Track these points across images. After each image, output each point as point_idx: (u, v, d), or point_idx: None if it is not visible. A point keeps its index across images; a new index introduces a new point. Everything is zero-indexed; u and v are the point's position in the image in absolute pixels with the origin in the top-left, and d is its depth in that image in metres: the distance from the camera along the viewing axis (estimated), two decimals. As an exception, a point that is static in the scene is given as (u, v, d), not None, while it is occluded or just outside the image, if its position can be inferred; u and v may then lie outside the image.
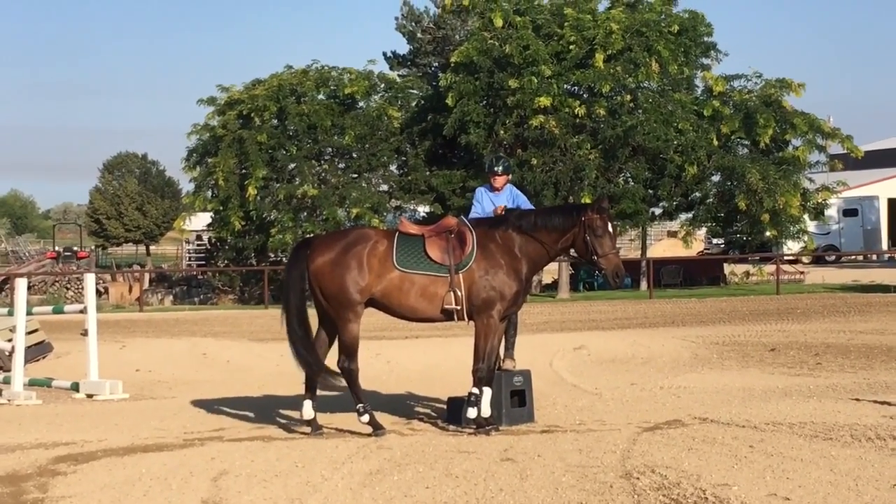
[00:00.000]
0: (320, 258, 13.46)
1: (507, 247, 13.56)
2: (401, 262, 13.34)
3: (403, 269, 13.34)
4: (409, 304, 13.48)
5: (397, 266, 13.33)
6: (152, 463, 11.52)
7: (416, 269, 13.36)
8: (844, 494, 9.56)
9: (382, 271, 13.32)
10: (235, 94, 50.75)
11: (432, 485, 10.28)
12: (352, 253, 13.35)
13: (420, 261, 13.39)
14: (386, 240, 13.52)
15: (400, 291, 13.38)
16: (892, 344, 22.95)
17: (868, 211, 72.56)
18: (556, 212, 14.15)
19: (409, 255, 13.39)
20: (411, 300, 13.43)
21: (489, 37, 46.92)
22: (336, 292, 13.32)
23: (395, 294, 13.39)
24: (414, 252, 13.42)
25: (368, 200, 48.23)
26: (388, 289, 13.35)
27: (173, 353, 23.91)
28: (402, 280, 13.35)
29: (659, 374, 19.32)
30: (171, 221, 78.38)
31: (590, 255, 13.57)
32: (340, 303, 13.34)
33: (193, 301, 51.27)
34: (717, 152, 46.32)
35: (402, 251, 13.40)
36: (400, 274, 13.34)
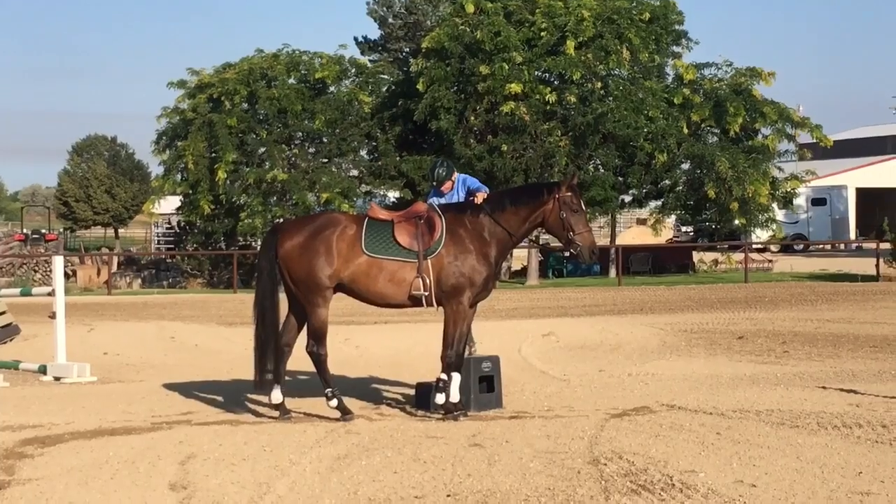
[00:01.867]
0: (289, 242, 13.44)
1: (477, 232, 13.54)
2: (369, 248, 13.32)
3: (372, 254, 13.31)
4: (378, 290, 13.45)
5: (366, 251, 13.31)
6: (120, 446, 11.49)
7: (385, 254, 13.33)
8: (810, 482, 9.60)
9: (351, 256, 13.30)
10: (206, 77, 50.62)
11: (400, 470, 10.28)
12: (320, 238, 13.32)
13: (389, 246, 13.36)
14: (355, 225, 13.49)
15: (368, 277, 13.35)
16: (859, 332, 23.06)
17: (836, 200, 72.89)
18: (525, 190, 14.18)
19: (377, 240, 13.36)
20: (379, 286, 13.40)
21: (460, 23, 46.94)
22: (304, 277, 13.30)
23: (364, 279, 13.36)
24: (383, 237, 13.39)
25: (338, 185, 48.15)
26: (356, 274, 13.32)
27: (141, 336, 23.83)
28: (370, 265, 13.32)
29: (627, 361, 19.36)
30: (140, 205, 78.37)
31: (566, 233, 13.55)
32: (309, 287, 13.32)
33: (162, 284, 51.13)
34: (686, 140, 46.44)
35: (370, 236, 13.37)
36: (368, 259, 13.31)
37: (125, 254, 65.33)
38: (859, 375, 16.79)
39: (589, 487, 9.50)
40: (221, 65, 51.60)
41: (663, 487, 9.43)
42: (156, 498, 9.45)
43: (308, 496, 9.45)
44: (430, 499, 9.30)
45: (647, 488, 9.42)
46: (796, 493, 9.25)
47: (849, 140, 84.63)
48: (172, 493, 9.59)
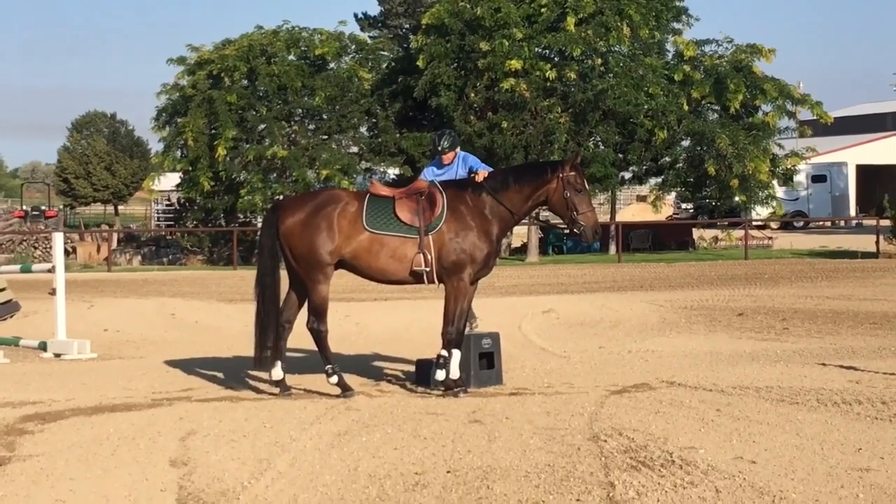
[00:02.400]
0: (290, 219, 13.43)
1: (478, 209, 13.53)
2: (370, 224, 13.31)
3: (373, 230, 13.31)
4: (379, 266, 13.44)
5: (367, 227, 13.30)
6: (120, 422, 11.49)
7: (386, 230, 13.33)
8: (810, 458, 9.61)
9: (352, 233, 13.29)
10: (205, 54, 50.56)
11: (400, 446, 10.29)
12: (322, 214, 13.31)
13: (390, 222, 13.36)
14: (356, 201, 13.48)
15: (369, 253, 13.35)
16: (859, 309, 23.07)
17: (837, 177, 72.86)
18: (528, 169, 14.19)
19: (378, 216, 13.36)
20: (381, 262, 13.40)
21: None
22: (305, 253, 13.29)
23: (365, 256, 13.36)
24: (384, 213, 13.39)
25: (338, 162, 48.12)
26: (357, 250, 13.32)
27: (141, 313, 23.85)
28: (371, 241, 13.32)
29: (627, 338, 19.38)
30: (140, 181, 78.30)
31: (570, 213, 13.53)
32: (310, 264, 13.31)
33: (162, 261, 51.12)
34: (687, 117, 46.39)
35: (371, 213, 13.37)
36: (370, 235, 13.31)
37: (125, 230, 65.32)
38: (859, 352, 16.81)
39: (589, 464, 9.51)
40: (221, 41, 51.56)
41: (663, 464, 9.44)
42: (156, 474, 9.46)
43: (308, 472, 9.46)
44: (430, 475, 9.31)
45: (647, 465, 9.43)
46: (796, 469, 9.26)
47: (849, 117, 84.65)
48: (173, 469, 9.61)
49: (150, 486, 9.15)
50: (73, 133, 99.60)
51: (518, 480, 9.09)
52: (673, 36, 49.49)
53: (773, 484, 8.82)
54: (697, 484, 8.86)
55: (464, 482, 9.08)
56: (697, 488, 8.75)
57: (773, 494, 8.55)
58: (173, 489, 9.07)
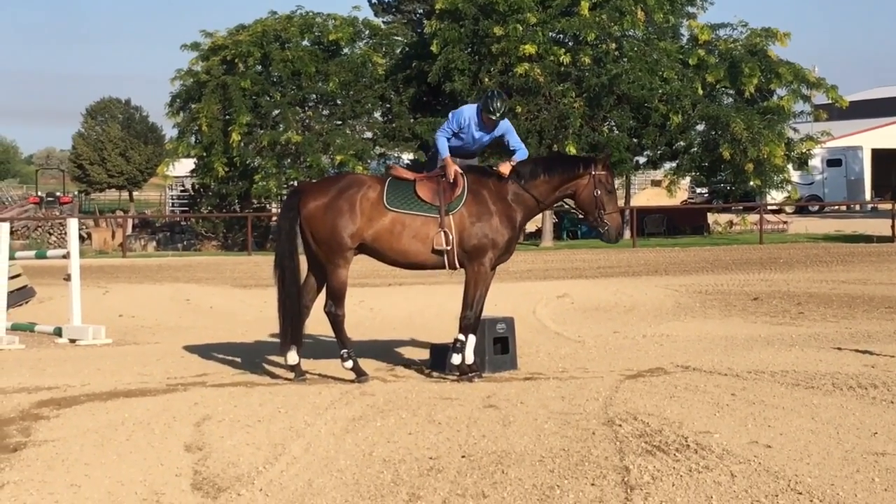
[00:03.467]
0: (312, 203, 13.42)
1: (501, 194, 13.54)
2: (391, 203, 13.31)
3: (394, 208, 13.31)
4: (401, 247, 13.42)
5: (388, 206, 13.30)
6: (135, 408, 11.52)
7: (406, 208, 13.33)
8: (825, 442, 9.60)
9: (374, 215, 13.29)
10: (219, 39, 50.61)
11: (415, 431, 10.30)
12: (344, 197, 13.31)
13: (410, 201, 13.36)
14: (378, 184, 13.52)
15: (391, 234, 13.35)
16: (874, 294, 23.02)
17: (852, 161, 72.71)
18: (559, 160, 14.32)
19: (399, 196, 13.38)
20: (403, 242, 13.38)
21: (474, -17, 46.76)
22: (327, 237, 13.29)
23: (387, 237, 13.35)
24: (404, 193, 13.41)
25: (352, 147, 48.16)
26: (379, 232, 13.32)
27: (156, 298, 23.89)
28: (392, 221, 13.32)
29: (642, 323, 19.36)
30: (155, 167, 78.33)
31: (597, 211, 13.54)
32: (331, 248, 13.32)
33: (176, 247, 51.20)
34: (701, 101, 46.32)
35: (392, 193, 13.39)
36: (391, 215, 13.31)
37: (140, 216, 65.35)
38: (874, 336, 16.76)
39: (604, 448, 9.51)
40: (235, 27, 51.64)
41: (678, 448, 9.44)
42: (171, 459, 9.48)
43: (323, 457, 9.47)
44: (444, 459, 9.31)
45: (662, 449, 9.42)
46: (811, 453, 9.25)
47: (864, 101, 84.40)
48: (188, 454, 9.62)
49: (165, 470, 9.17)
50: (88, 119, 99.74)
51: (533, 465, 9.09)
52: (687, 20, 49.43)
53: (788, 468, 8.81)
54: (712, 468, 8.85)
55: (478, 467, 9.08)
56: (712, 472, 8.74)
57: (789, 479, 8.54)
58: (188, 474, 9.08)
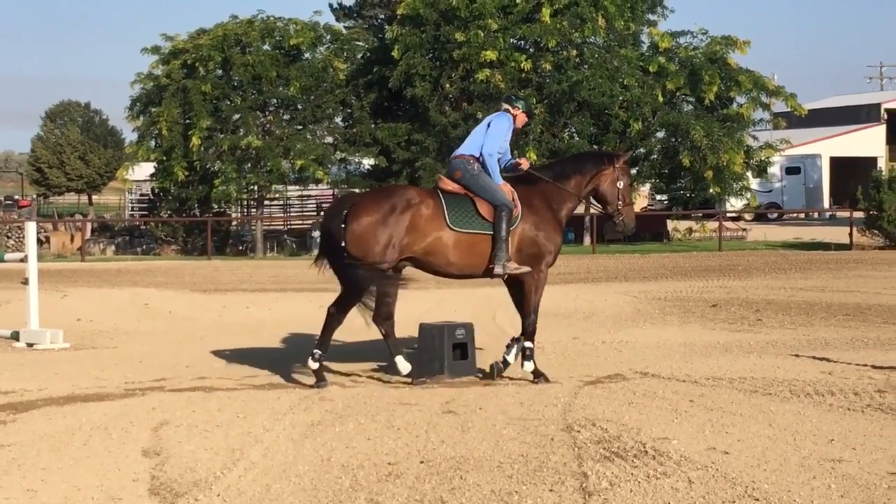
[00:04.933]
0: (365, 217, 13.27)
1: (546, 201, 13.85)
2: (454, 222, 13.37)
3: (458, 228, 13.37)
4: (459, 262, 13.52)
5: (451, 226, 13.35)
6: (93, 412, 11.46)
7: (470, 228, 13.41)
8: (783, 449, 9.64)
9: (430, 230, 13.30)
10: (180, 43, 50.42)
11: (374, 436, 10.29)
12: (396, 213, 13.25)
13: (473, 220, 13.44)
14: (431, 199, 13.50)
15: (451, 250, 13.41)
16: (832, 301, 23.14)
17: (811, 169, 73.13)
18: (585, 156, 15.17)
19: (462, 215, 13.43)
20: (462, 258, 13.48)
21: (436, -11, 46.81)
22: (375, 250, 13.19)
23: (444, 252, 13.40)
24: (467, 212, 13.46)
25: (313, 152, 48.14)
26: (436, 247, 13.35)
27: (115, 303, 23.77)
28: (455, 240, 13.39)
29: (601, 329, 19.39)
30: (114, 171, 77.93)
31: (617, 202, 14.04)
32: (374, 260, 13.21)
33: (136, 251, 51.01)
34: (661, 109, 46.48)
35: (454, 211, 13.42)
36: (454, 234, 13.37)
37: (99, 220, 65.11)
38: (832, 343, 16.86)
39: (562, 454, 9.52)
40: (196, 31, 51.46)
41: (636, 454, 9.46)
42: (128, 464, 9.44)
43: (281, 462, 9.45)
44: (403, 465, 9.31)
45: (621, 455, 9.44)
46: (768, 460, 9.29)
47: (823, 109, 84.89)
48: (145, 460, 9.58)
49: (122, 475, 9.12)
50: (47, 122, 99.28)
51: (491, 471, 9.10)
52: (648, 27, 49.59)
53: (745, 474, 8.85)
54: (670, 474, 8.88)
55: (437, 472, 9.08)
56: (670, 479, 8.77)
57: (746, 485, 8.57)
58: (145, 479, 9.04)
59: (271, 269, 36.76)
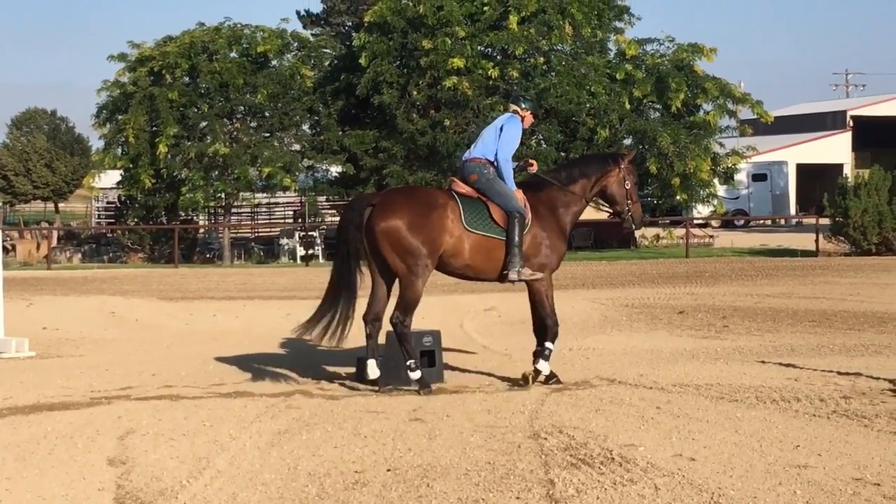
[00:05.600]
0: (394, 219, 13.34)
1: (553, 207, 14.04)
2: (470, 224, 13.52)
3: (473, 230, 13.52)
4: (475, 265, 13.68)
5: (467, 227, 13.49)
6: (58, 421, 11.42)
7: (484, 231, 13.55)
8: (749, 455, 9.67)
9: (455, 231, 13.45)
10: (147, 50, 50.30)
11: (340, 444, 10.28)
12: (431, 213, 13.38)
13: (486, 224, 13.58)
14: (451, 200, 13.63)
15: (468, 252, 13.56)
16: (798, 307, 23.22)
17: (777, 176, 73.41)
18: (591, 158, 15.20)
19: (476, 217, 13.57)
20: (477, 261, 13.63)
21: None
22: (415, 251, 13.29)
23: (463, 254, 13.56)
24: (481, 215, 13.59)
25: (280, 160, 48.09)
26: (458, 248, 13.51)
27: (81, 311, 23.67)
28: (472, 242, 13.54)
29: (568, 336, 19.39)
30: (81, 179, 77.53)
31: (626, 202, 14.35)
32: (417, 261, 13.33)
33: (102, 259, 50.81)
34: (629, 116, 46.60)
35: (469, 213, 13.56)
36: (471, 236, 13.52)
37: (65, 228, 64.85)
38: (798, 350, 16.92)
39: (529, 461, 9.53)
40: (162, 38, 51.32)
41: (603, 461, 9.47)
42: (94, 473, 9.40)
43: (248, 471, 9.43)
44: (370, 473, 9.30)
45: (587, 462, 9.45)
46: (735, 466, 9.31)
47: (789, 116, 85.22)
48: (111, 468, 9.55)
49: (87, 485, 9.09)
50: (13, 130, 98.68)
51: (458, 478, 9.10)
52: (615, 35, 49.70)
53: (711, 481, 8.87)
54: (637, 481, 8.89)
55: (404, 480, 9.08)
56: (637, 486, 8.78)
57: (712, 491, 8.60)
58: (111, 488, 9.01)
59: (238, 276, 36.69)
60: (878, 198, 42.26)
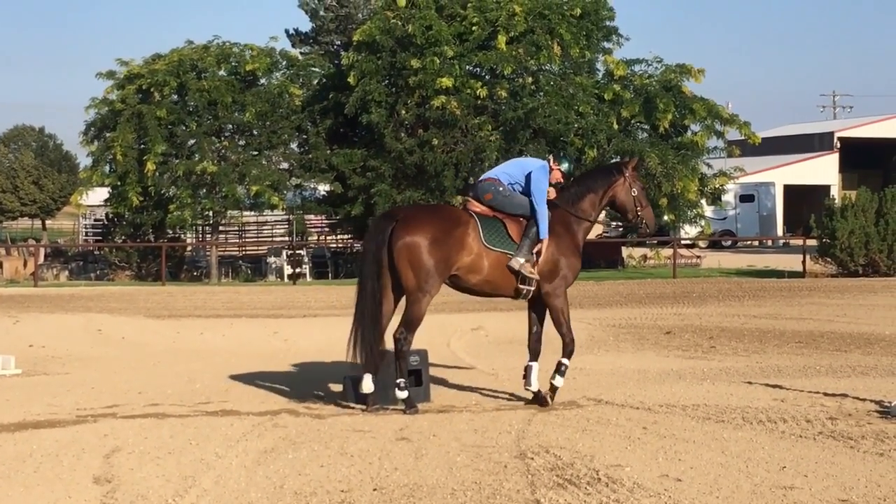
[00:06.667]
0: (418, 235, 13.50)
1: (567, 225, 14.27)
2: (489, 241, 13.76)
3: (492, 247, 13.75)
4: (492, 281, 13.88)
5: (486, 245, 13.72)
6: (44, 439, 11.39)
7: (502, 248, 13.79)
8: (735, 476, 9.67)
9: (473, 248, 13.67)
10: (135, 68, 50.27)
11: (327, 463, 10.27)
12: (451, 232, 13.59)
13: (504, 241, 13.83)
14: (470, 219, 13.86)
15: (485, 269, 13.77)
16: (785, 328, 23.25)
17: (764, 197, 73.53)
18: (595, 174, 15.24)
19: (495, 235, 13.83)
20: (495, 277, 13.83)
21: (392, 16, 46.88)
22: (430, 268, 13.45)
23: (479, 271, 13.77)
24: (499, 233, 13.85)
25: (268, 178, 48.07)
26: (476, 265, 13.73)
27: (68, 328, 23.63)
28: (491, 259, 13.75)
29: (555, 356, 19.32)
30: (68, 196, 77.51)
31: (635, 208, 14.56)
32: (429, 278, 13.49)
33: (89, 277, 50.71)
34: (616, 136, 46.59)
35: (487, 231, 13.81)
36: (491, 254, 13.74)
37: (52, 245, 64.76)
38: (784, 371, 16.94)
39: (515, 481, 9.52)
40: (151, 56, 51.30)
41: (589, 482, 9.47)
42: (79, 491, 9.38)
43: (234, 490, 9.41)
44: (356, 492, 9.29)
45: (574, 482, 9.45)
46: (721, 487, 9.32)
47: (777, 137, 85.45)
48: (96, 487, 9.53)
49: (73, 503, 9.07)
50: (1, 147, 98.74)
51: (444, 498, 9.09)
52: (603, 55, 49.69)
53: (697, 502, 8.87)
54: (623, 502, 8.90)
55: (390, 500, 9.07)
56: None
57: (698, 512, 8.60)
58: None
59: (226, 294, 36.64)
60: (865, 219, 42.33)
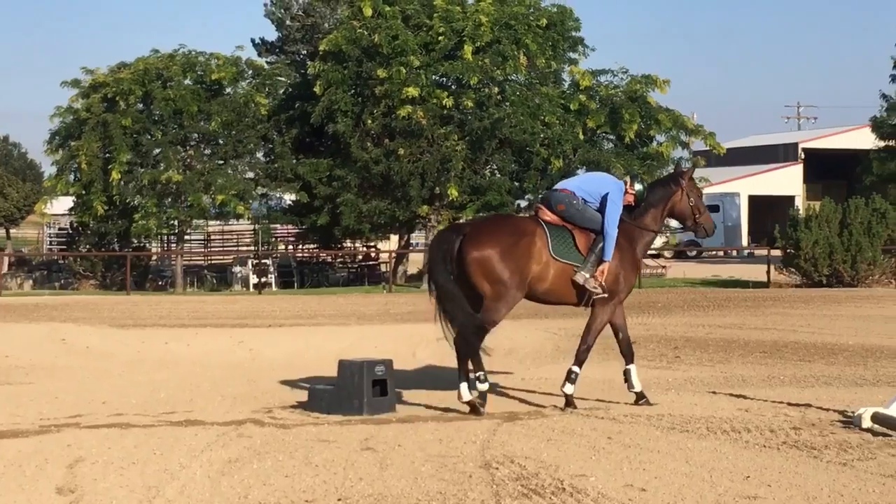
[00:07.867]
0: (488, 248, 13.75)
1: (630, 238, 14.53)
2: (557, 253, 14.00)
3: (560, 258, 13.99)
4: (557, 290, 14.17)
5: (554, 256, 13.95)
6: (6, 449, 11.33)
7: (569, 259, 14.04)
8: (699, 486, 9.70)
9: (542, 258, 13.88)
10: (100, 77, 50.19)
11: (291, 473, 10.24)
12: (522, 244, 13.82)
13: (572, 253, 14.09)
14: (539, 228, 14.07)
15: (553, 278, 14.03)
16: (750, 338, 23.31)
17: (729, 207, 73.85)
18: (656, 187, 15.32)
19: (563, 246, 14.07)
20: (560, 286, 14.10)
21: (358, 26, 46.93)
22: (507, 279, 13.73)
23: (547, 280, 14.02)
24: (567, 244, 14.10)
25: (234, 187, 48.07)
26: (544, 275, 13.98)
27: (31, 338, 23.49)
28: (557, 269, 14.00)
29: (520, 366, 19.44)
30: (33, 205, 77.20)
31: (693, 217, 14.91)
32: (508, 289, 13.79)
33: (54, 286, 50.53)
34: (582, 146, 46.74)
35: (556, 242, 14.04)
36: (557, 264, 13.98)
37: (16, 254, 64.46)
38: (749, 380, 16.99)
39: (480, 491, 9.52)
40: (116, 64, 51.26)
41: (554, 492, 9.48)
42: (42, 502, 9.33)
43: (198, 500, 9.38)
44: (321, 502, 9.27)
45: (538, 492, 9.46)
46: (685, 497, 9.33)
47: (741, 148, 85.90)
48: (59, 497, 9.48)
49: (35, 514, 9.03)
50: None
51: (409, 508, 9.08)
52: (569, 66, 49.86)
53: (662, 511, 8.88)
54: (587, 511, 8.90)
55: (355, 510, 9.05)
56: (587, 516, 8.79)
57: (662, 522, 8.61)
58: (59, 517, 8.95)
59: (191, 304, 36.53)
60: (829, 230, 42.56)
